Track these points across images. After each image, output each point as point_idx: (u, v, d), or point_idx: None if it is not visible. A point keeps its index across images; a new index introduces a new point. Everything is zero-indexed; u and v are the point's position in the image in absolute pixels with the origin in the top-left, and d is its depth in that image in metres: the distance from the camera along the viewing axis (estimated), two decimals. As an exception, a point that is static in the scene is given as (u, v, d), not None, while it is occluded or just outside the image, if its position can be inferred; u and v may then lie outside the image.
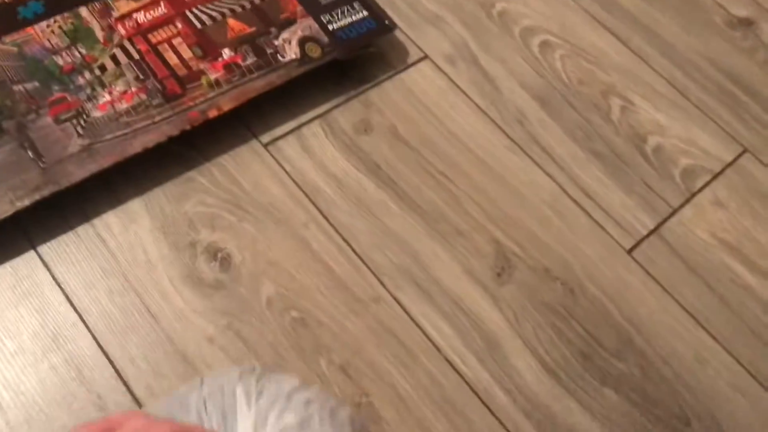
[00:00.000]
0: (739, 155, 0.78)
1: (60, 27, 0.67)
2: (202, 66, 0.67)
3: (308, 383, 0.56)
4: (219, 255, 0.62)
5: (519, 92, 0.78)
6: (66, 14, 0.67)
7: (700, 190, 0.75)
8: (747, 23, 0.89)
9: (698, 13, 0.88)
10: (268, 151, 0.69)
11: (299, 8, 0.73)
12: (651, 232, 0.71)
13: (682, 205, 0.73)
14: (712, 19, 0.89)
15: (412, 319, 0.62)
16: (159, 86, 0.65)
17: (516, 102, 0.77)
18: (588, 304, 0.66)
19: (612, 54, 0.83)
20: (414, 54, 0.79)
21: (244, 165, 0.67)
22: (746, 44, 0.87)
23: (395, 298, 0.63)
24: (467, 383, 0.60)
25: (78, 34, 0.67)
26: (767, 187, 0.76)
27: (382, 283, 0.63)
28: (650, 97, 0.80)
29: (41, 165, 0.59)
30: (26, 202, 0.58)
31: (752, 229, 0.73)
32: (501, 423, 0.59)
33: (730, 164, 0.77)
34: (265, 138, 0.69)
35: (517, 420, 0.59)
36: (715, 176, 0.76)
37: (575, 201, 0.72)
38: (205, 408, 0.42)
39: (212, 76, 0.67)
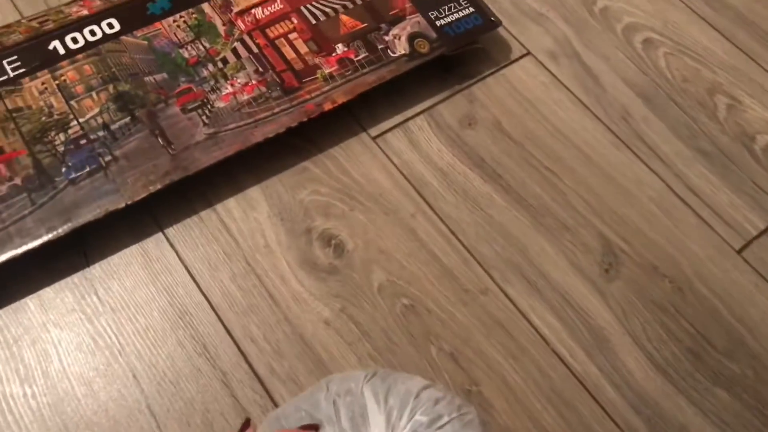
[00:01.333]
0: None
1: (185, 22, 0.70)
2: (317, 60, 0.70)
3: (426, 376, 0.57)
4: (333, 242, 0.64)
5: (623, 89, 0.78)
6: (190, 10, 0.71)
7: (814, 191, 0.73)
8: None
9: (809, 11, 0.86)
10: (376, 143, 0.70)
11: (408, 5, 0.74)
12: (762, 233, 0.70)
13: (794, 206, 0.72)
14: (823, 16, 0.86)
15: (519, 311, 0.63)
16: (278, 79, 0.68)
17: (620, 99, 0.77)
18: (697, 303, 0.65)
19: (717, 51, 0.82)
20: (517, 50, 0.79)
21: (354, 157, 0.69)
22: None
23: (503, 290, 0.64)
24: (575, 376, 0.60)
25: (201, 29, 0.70)
26: None
27: (489, 275, 0.64)
28: (758, 96, 0.79)
29: (170, 152, 0.63)
30: (158, 186, 0.61)
31: None
32: (610, 417, 0.59)
33: None
34: (374, 131, 0.71)
35: (626, 415, 0.59)
36: (829, 177, 0.74)
37: (682, 199, 0.71)
38: (335, 407, 0.44)
39: (327, 71, 0.69)
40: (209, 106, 0.66)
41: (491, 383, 0.59)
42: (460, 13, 0.75)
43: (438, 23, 0.74)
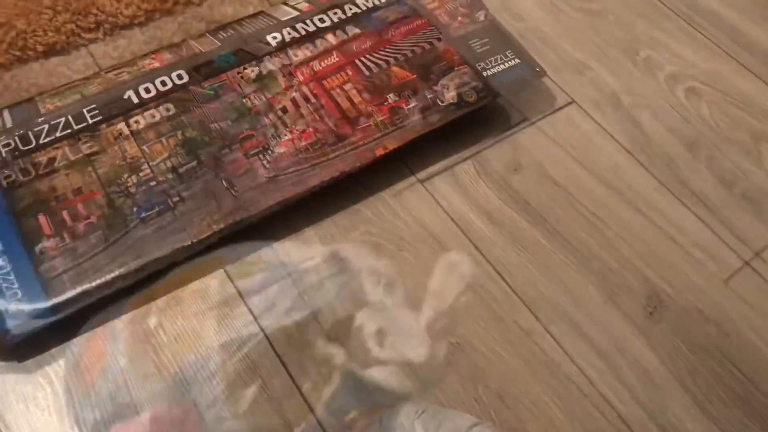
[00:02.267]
0: None
1: (249, 74, 0.75)
2: (369, 109, 0.74)
3: (473, 415, 0.59)
4: (382, 280, 0.67)
5: (666, 137, 0.80)
6: (253, 62, 0.76)
7: None
8: None
9: None
10: (424, 186, 0.74)
11: (457, 57, 0.78)
12: (809, 280, 0.70)
13: (843, 254, 0.72)
14: None
15: (565, 352, 0.64)
16: (333, 127, 0.72)
17: (663, 146, 0.79)
18: (744, 348, 0.65)
19: (761, 99, 0.83)
20: (561, 99, 0.82)
21: (403, 199, 0.72)
22: None
23: (548, 332, 0.65)
24: (622, 418, 0.61)
25: (263, 80, 0.75)
26: None
27: (535, 317, 0.66)
28: (804, 144, 0.80)
29: (233, 194, 0.67)
30: (221, 225, 0.65)
31: None
32: (657, 460, 0.59)
33: None
34: (422, 175, 0.74)
35: (673, 459, 0.59)
36: None
37: (726, 244, 0.72)
38: None
39: (379, 118, 0.73)
40: (270, 152, 0.70)
41: (537, 423, 0.60)
42: (506, 64, 0.78)
43: (485, 74, 0.77)
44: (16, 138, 0.69)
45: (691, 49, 0.88)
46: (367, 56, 0.78)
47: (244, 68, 0.76)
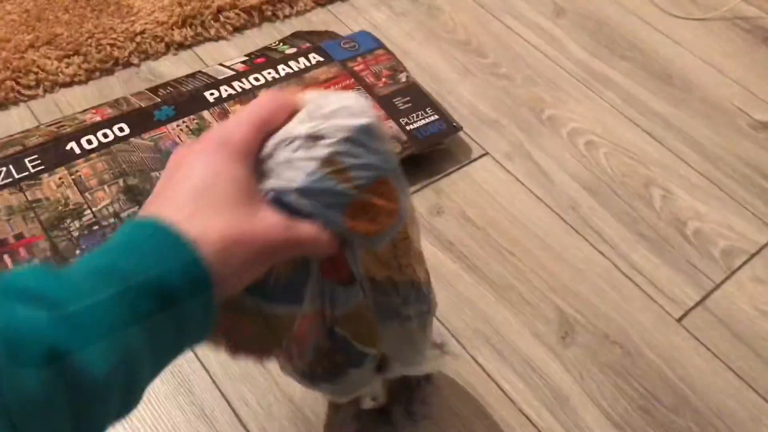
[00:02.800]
0: (773, 238, 0.87)
1: (187, 126, 0.80)
2: (303, 158, 0.80)
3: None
4: (319, 316, 0.71)
5: (570, 183, 0.89)
6: (192, 116, 0.81)
7: (740, 267, 0.83)
8: (769, 126, 1.01)
9: (724, 118, 1.00)
10: (355, 230, 0.79)
11: (382, 112, 0.86)
12: (697, 304, 0.79)
13: (723, 281, 0.81)
14: (737, 122, 1.00)
15: (488, 375, 0.70)
16: (269, 174, 0.77)
17: (568, 191, 0.88)
18: (645, 366, 0.73)
19: (650, 151, 0.95)
20: (476, 151, 0.91)
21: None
22: (770, 144, 0.98)
23: (473, 357, 0.71)
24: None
25: (201, 132, 0.80)
26: (801, 266, 0.84)
27: (460, 343, 0.72)
28: (687, 188, 0.91)
29: (174, 236, 0.71)
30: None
31: (791, 303, 0.80)
32: (574, 469, 0.65)
33: (765, 245, 0.85)
34: (353, 219, 0.80)
35: (588, 467, 0.65)
36: (752, 256, 0.84)
37: (627, 276, 0.80)
38: None
39: (312, 166, 0.79)
40: (209, 197, 0.74)
41: (465, 441, 0.65)
42: (426, 119, 0.87)
43: (408, 127, 0.85)
44: (-44, 187, 0.71)
45: (588, 108, 0.99)
46: (300, 111, 0.84)
47: (184, 121, 0.81)
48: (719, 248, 0.85)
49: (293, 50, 0.92)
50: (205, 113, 0.82)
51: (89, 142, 0.77)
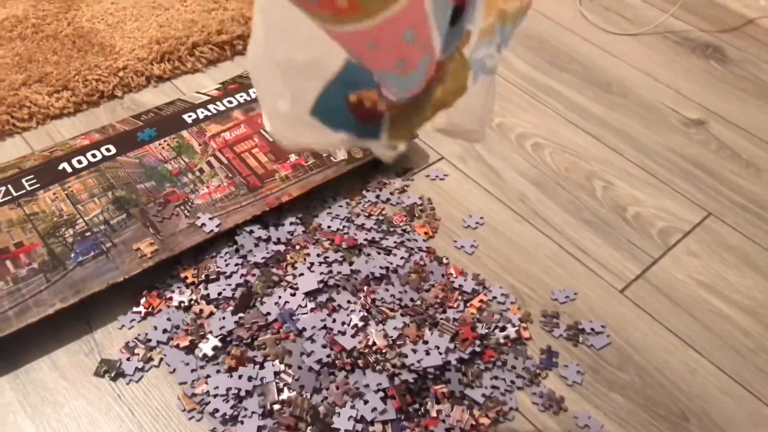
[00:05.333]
0: (705, 217, 0.96)
1: (168, 144, 0.89)
2: (275, 167, 0.88)
3: None
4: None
5: (519, 179, 0.98)
6: (172, 136, 0.90)
7: (676, 244, 0.92)
8: (699, 123, 1.11)
9: (657, 116, 1.11)
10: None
11: (344, 124, 0.95)
12: (638, 276, 0.87)
13: (661, 256, 0.90)
14: (669, 120, 1.11)
15: (449, 345, 0.77)
16: (244, 181, 0.86)
17: (517, 187, 0.97)
18: (592, 332, 0.80)
19: (591, 149, 1.04)
20: (433, 156, 1.00)
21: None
22: (700, 138, 1.08)
23: (435, 331, 0.78)
24: (499, 393, 0.74)
25: (181, 149, 0.89)
26: (730, 240, 0.93)
27: (423, 320, 0.79)
28: (626, 179, 1.00)
29: (159, 237, 0.78)
30: (150, 263, 0.76)
31: (723, 272, 0.89)
32: (525, 416, 0.72)
33: (698, 224, 0.95)
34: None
35: (543, 419, 0.72)
36: (687, 234, 0.93)
37: (573, 255, 0.89)
38: None
39: (283, 173, 0.87)
40: (189, 204, 0.83)
41: (430, 403, 0.72)
42: (385, 128, 0.96)
43: (369, 136, 0.94)
44: (-40, 205, 0.79)
45: (534, 115, 1.09)
46: (270, 127, 0.93)
47: (165, 140, 0.89)
48: (657, 228, 0.93)
49: (262, 76, 1.01)
50: (184, 132, 0.91)
51: (79, 162, 0.85)
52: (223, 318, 0.74)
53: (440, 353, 0.72)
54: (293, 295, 0.76)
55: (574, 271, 0.87)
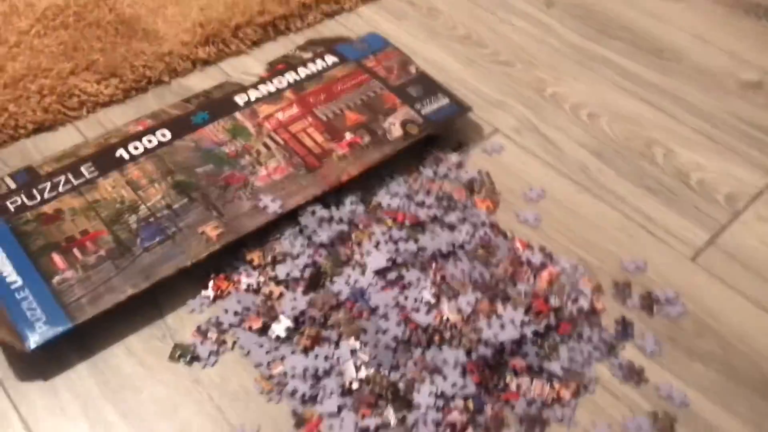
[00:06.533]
0: (771, 181, 0.93)
1: (223, 127, 0.88)
2: (331, 145, 0.87)
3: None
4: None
5: (578, 150, 0.96)
6: (225, 118, 0.89)
7: (744, 209, 0.89)
8: (757, 85, 1.08)
9: (713, 80, 1.08)
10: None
11: (398, 100, 0.93)
12: (708, 243, 0.85)
13: (730, 222, 0.87)
14: (726, 83, 1.07)
15: (522, 319, 0.76)
16: (302, 162, 0.85)
17: (577, 157, 0.95)
18: (666, 303, 0.78)
19: (648, 116, 1.02)
20: (487, 129, 0.98)
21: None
22: (759, 100, 1.05)
23: (505, 305, 0.77)
24: (576, 365, 0.72)
25: (236, 131, 0.88)
26: (800, 203, 0.90)
27: (493, 295, 0.78)
28: (686, 145, 0.97)
29: (223, 221, 0.78)
30: (216, 247, 0.75)
31: (795, 236, 0.86)
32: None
33: (765, 188, 0.92)
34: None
35: (625, 390, 0.70)
36: (754, 198, 0.91)
37: (639, 224, 0.87)
38: None
39: (340, 152, 0.86)
40: (250, 186, 0.82)
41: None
42: (438, 103, 0.94)
43: (422, 111, 0.92)
44: (23, 196, 0.78)
45: (587, 84, 1.06)
46: (323, 106, 0.92)
47: (219, 123, 0.88)
48: (722, 194, 0.91)
49: (309, 54, 1.00)
50: (237, 115, 0.90)
51: (136, 148, 0.84)
52: (294, 299, 0.73)
53: (515, 326, 0.71)
54: (362, 273, 0.75)
55: (642, 240, 0.85)
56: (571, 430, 0.67)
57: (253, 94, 0.93)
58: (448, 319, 0.71)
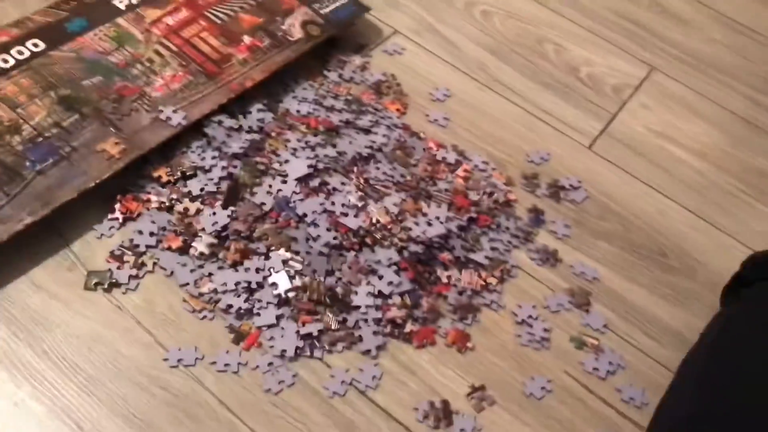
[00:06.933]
0: (650, 72, 0.99)
1: (105, 35, 0.79)
2: (229, 50, 0.81)
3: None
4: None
5: (475, 48, 0.97)
6: (107, 24, 0.80)
7: (629, 98, 0.95)
8: (629, -19, 1.13)
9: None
10: (292, 114, 0.82)
11: (295, 0, 0.88)
12: (601, 132, 0.90)
13: (618, 111, 0.93)
14: (603, -20, 1.12)
15: (443, 216, 0.77)
16: (200, 68, 0.79)
17: (475, 55, 0.96)
18: (570, 188, 0.83)
19: (537, 13, 1.04)
20: (386, 30, 0.96)
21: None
22: (633, -5, 1.11)
23: (426, 204, 0.78)
24: (497, 254, 0.75)
25: (122, 38, 0.79)
26: (674, 90, 0.98)
27: (412, 194, 0.78)
28: (574, 41, 1.01)
29: (123, 136, 0.71)
30: (120, 165, 0.69)
31: (673, 121, 0.94)
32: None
33: (645, 79, 0.98)
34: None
35: (543, 272, 0.75)
36: (637, 88, 0.97)
37: (539, 118, 0.90)
38: None
39: (240, 57, 0.81)
40: (147, 97, 0.75)
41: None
42: (337, 3, 0.90)
43: (322, 11, 0.88)
44: None
45: (476, -17, 1.06)
46: (215, 8, 0.85)
47: (100, 30, 0.79)
48: (610, 86, 0.96)
49: (191, -48, 0.91)
50: (120, 20, 0.81)
51: (5, 60, 0.74)
52: (214, 213, 0.70)
53: (441, 222, 0.72)
54: (284, 182, 0.72)
55: (543, 132, 0.89)
56: (500, 314, 0.71)
57: (134, -3, 0.84)
58: (378, 221, 0.71)
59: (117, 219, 0.70)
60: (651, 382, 0.68)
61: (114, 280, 0.66)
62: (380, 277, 0.68)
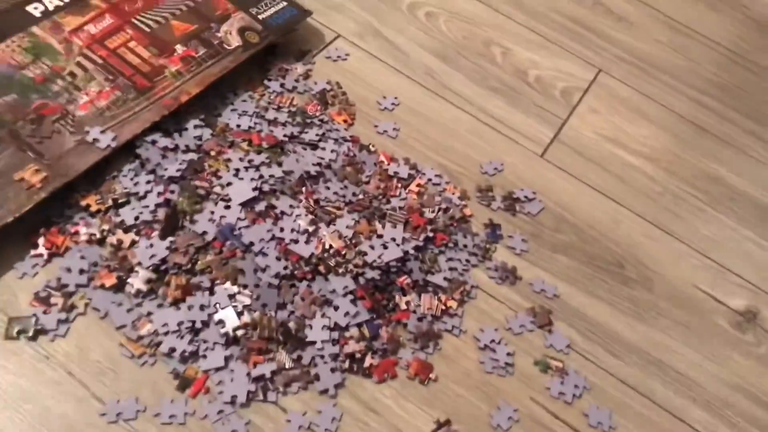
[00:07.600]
0: (597, 74, 0.98)
1: (19, 45, 0.71)
2: (161, 62, 0.75)
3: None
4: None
5: (421, 52, 0.93)
6: (21, 34, 0.72)
7: (578, 102, 0.94)
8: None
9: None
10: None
11: (230, 5, 0.82)
12: (552, 139, 0.88)
13: (568, 116, 0.92)
14: (546, -21, 1.10)
15: (397, 235, 0.73)
16: (129, 82, 0.72)
17: (422, 60, 0.92)
18: (526, 200, 0.81)
19: (482, 15, 1.01)
20: (328, 34, 0.91)
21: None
22: (577, -5, 1.09)
23: (379, 222, 0.74)
24: (455, 274, 0.72)
25: (38, 50, 0.71)
26: (621, 93, 0.97)
27: (364, 213, 0.74)
28: (521, 43, 0.99)
29: (44, 162, 0.64)
30: (42, 195, 0.62)
31: (621, 125, 0.93)
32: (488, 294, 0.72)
33: (592, 81, 0.97)
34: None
35: (503, 291, 0.72)
36: (585, 91, 0.95)
37: (491, 126, 0.87)
38: None
39: (173, 68, 0.74)
40: (71, 117, 0.68)
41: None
42: (275, 7, 0.85)
43: (260, 17, 0.83)
44: None
45: (418, -18, 1.02)
46: (142, 15, 0.78)
47: (13, 41, 0.71)
48: (558, 89, 0.94)
49: (112, -48, 0.84)
50: (35, 29, 0.73)
51: None
52: (151, 245, 0.64)
53: (398, 245, 0.69)
54: (227, 207, 0.67)
55: (495, 141, 0.86)
56: (462, 339, 0.68)
57: (52, 2, 0.76)
58: (330, 246, 0.66)
59: (41, 255, 0.63)
60: (617, 404, 0.67)
61: (40, 327, 0.59)
62: (336, 308, 0.64)
